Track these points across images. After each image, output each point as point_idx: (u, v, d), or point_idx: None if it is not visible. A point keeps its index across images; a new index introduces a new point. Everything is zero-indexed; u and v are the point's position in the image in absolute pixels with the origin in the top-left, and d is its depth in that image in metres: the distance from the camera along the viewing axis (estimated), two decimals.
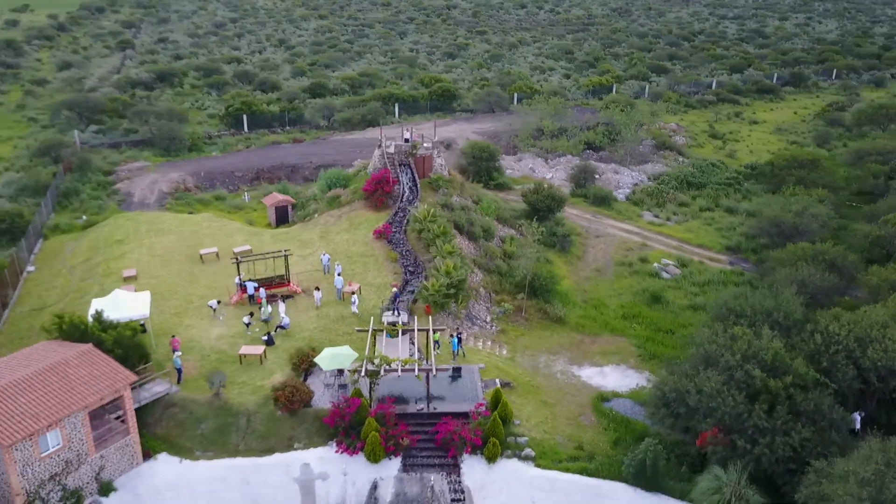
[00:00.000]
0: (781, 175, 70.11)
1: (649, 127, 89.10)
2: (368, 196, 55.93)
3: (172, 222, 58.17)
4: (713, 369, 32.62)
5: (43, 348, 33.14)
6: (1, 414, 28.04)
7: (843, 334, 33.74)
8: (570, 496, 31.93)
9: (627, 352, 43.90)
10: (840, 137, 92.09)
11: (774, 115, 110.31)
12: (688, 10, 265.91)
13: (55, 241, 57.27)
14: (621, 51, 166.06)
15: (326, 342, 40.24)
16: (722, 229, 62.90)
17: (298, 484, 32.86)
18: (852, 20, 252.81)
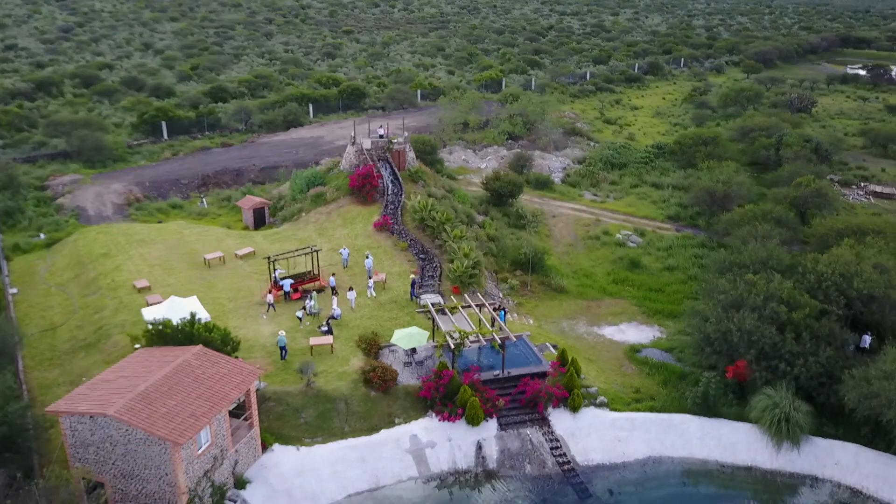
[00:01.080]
0: (690, 152, 79.73)
1: (553, 116, 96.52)
2: (356, 191, 57.86)
3: (149, 232, 56.78)
4: (744, 310, 38.93)
5: (146, 355, 33.11)
6: (160, 415, 28.40)
7: (830, 272, 41.35)
8: (648, 431, 36.99)
9: (631, 311, 49.78)
10: (712, 118, 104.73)
11: (646, 101, 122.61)
12: (529, 7, 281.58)
13: (22, 262, 54.06)
14: (487, 46, 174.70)
15: (377, 327, 42.53)
16: (656, 202, 70.91)
17: (411, 454, 35.39)
18: (672, 14, 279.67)
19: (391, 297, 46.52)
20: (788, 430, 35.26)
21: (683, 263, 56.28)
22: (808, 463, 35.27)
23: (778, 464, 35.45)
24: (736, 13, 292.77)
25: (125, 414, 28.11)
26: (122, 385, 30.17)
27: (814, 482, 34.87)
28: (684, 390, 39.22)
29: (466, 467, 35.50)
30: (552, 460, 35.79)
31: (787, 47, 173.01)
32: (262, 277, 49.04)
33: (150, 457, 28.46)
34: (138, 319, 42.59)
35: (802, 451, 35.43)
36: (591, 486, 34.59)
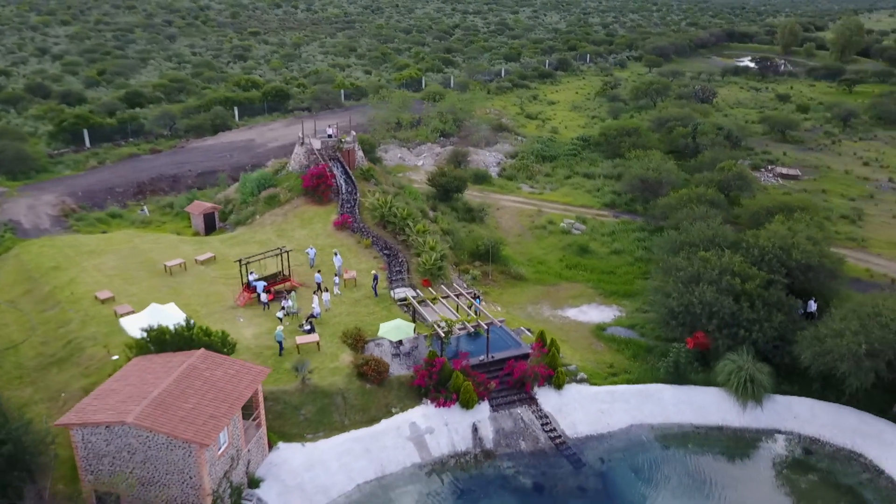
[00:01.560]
0: (615, 143, 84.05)
1: (480, 113, 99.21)
2: (310, 191, 58.12)
3: (97, 243, 55.03)
4: (703, 284, 42.30)
5: (146, 363, 32.78)
6: (179, 419, 28.42)
7: (771, 246, 45.43)
8: (627, 402, 39.72)
9: (588, 293, 52.64)
10: (625, 110, 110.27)
11: (560, 95, 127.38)
12: (431, 6, 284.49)
13: None
14: (398, 46, 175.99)
15: (357, 323, 43.34)
16: (590, 191, 74.49)
17: (412, 441, 36.61)
18: (569, 12, 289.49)
19: (365, 293, 47.33)
20: (752, 390, 38.79)
21: (628, 247, 59.74)
22: (770, 418, 38.91)
23: (745, 421, 38.92)
24: (627, 10, 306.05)
25: (145, 420, 28.02)
26: (132, 393, 29.92)
27: (777, 435, 38.54)
28: (654, 362, 42.22)
29: (465, 449, 37.05)
30: (544, 436, 37.88)
31: (681, 42, 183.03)
32: (230, 282, 48.72)
33: (173, 461, 28.48)
34: (111, 331, 41.75)
35: (765, 408, 39.04)
36: (583, 457, 36.89)
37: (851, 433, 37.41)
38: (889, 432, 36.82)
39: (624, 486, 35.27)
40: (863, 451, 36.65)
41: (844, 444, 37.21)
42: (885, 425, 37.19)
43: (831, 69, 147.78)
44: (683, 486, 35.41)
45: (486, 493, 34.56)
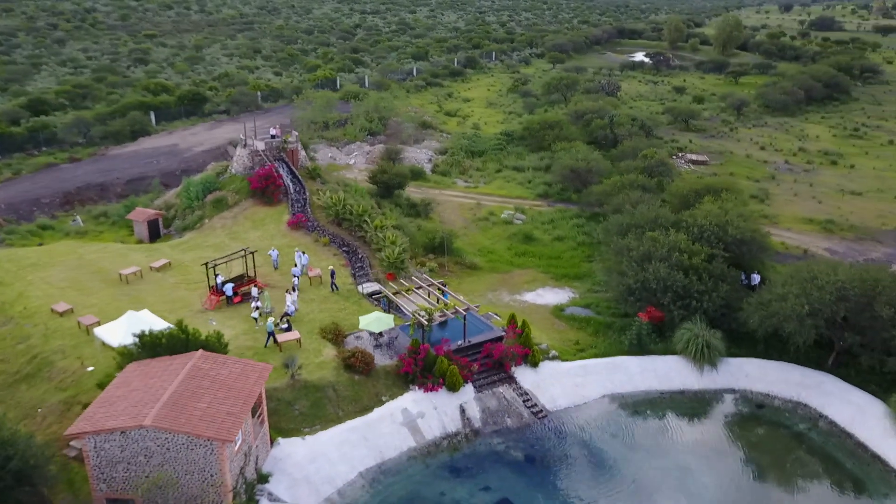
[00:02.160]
0: (539, 136, 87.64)
1: (404, 112, 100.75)
2: (259, 192, 57.97)
3: (38, 255, 52.94)
4: (655, 261, 45.71)
5: (143, 367, 32.50)
6: (197, 418, 28.60)
7: (708, 224, 49.53)
8: (598, 374, 42.51)
9: (541, 278, 55.29)
10: (539, 105, 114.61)
11: (473, 92, 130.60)
12: (328, 6, 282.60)
13: None
14: (304, 46, 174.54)
15: (331, 318, 44.16)
16: (522, 183, 77.56)
17: (406, 426, 37.89)
18: (465, 11, 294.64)
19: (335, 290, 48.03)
20: (708, 354, 42.45)
21: (568, 233, 62.95)
22: (725, 379, 42.70)
23: (703, 384, 42.53)
24: (520, 9, 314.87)
25: (163, 422, 28.09)
26: (140, 398, 29.78)
27: (732, 393, 42.35)
28: (616, 337, 45.29)
29: (455, 430, 38.67)
30: (527, 411, 40.06)
31: (577, 39, 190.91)
32: (191, 286, 48.24)
33: (194, 461, 28.66)
34: (77, 342, 40.83)
35: (720, 370, 42.80)
36: (564, 427, 39.34)
37: (796, 386, 41.68)
38: (828, 383, 41.29)
39: (605, 449, 37.89)
40: (807, 401, 40.94)
41: (791, 397, 41.42)
42: (824, 377, 41.65)
43: (717, 62, 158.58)
44: (656, 444, 38.43)
45: (481, 469, 36.31)
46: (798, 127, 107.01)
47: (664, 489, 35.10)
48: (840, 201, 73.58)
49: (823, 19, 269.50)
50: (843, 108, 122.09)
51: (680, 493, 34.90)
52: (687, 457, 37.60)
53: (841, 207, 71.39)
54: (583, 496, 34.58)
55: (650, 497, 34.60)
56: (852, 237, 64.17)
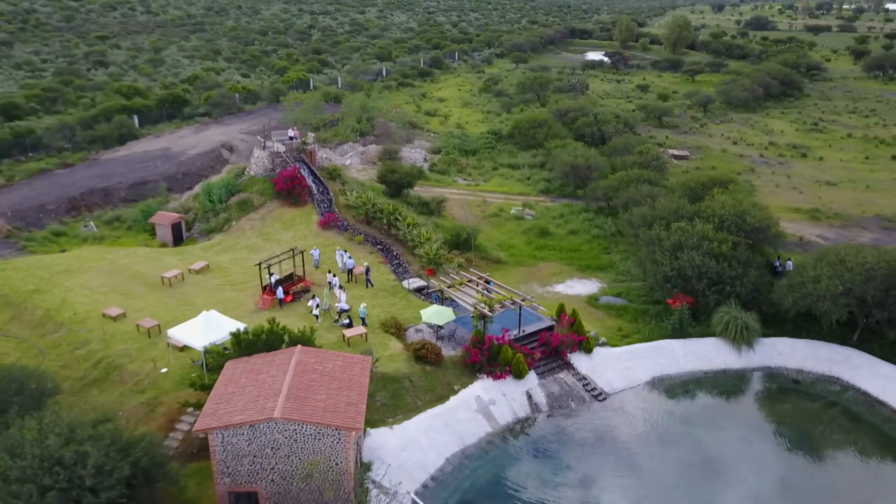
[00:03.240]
0: (529, 134, 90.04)
1: (390, 112, 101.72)
2: (285, 194, 58.38)
3: (68, 262, 52.20)
4: (687, 250, 48.47)
5: (243, 365, 33.07)
6: (322, 409, 29.52)
7: (728, 214, 52.66)
8: (646, 357, 44.93)
9: (566, 270, 57.50)
10: (515, 104, 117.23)
11: (445, 92, 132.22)
12: (276, 7, 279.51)
13: None
14: (263, 48, 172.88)
15: (384, 314, 45.37)
16: (521, 180, 79.76)
17: (480, 413, 39.46)
18: (414, 11, 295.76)
19: (378, 287, 49.13)
20: (746, 335, 45.37)
21: (581, 227, 65.37)
22: (761, 358, 45.72)
23: (742, 363, 45.45)
24: (468, 9, 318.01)
25: (293, 413, 28.95)
26: (257, 392, 30.48)
27: (769, 371, 45.40)
28: (654, 322, 47.84)
29: (525, 415, 40.46)
30: (587, 395, 42.15)
31: (534, 39, 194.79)
32: (237, 287, 48.55)
33: (320, 451, 29.56)
34: (142, 345, 41.04)
35: (756, 349, 45.79)
36: (625, 407, 41.61)
37: (826, 361, 45.02)
38: (855, 357, 44.76)
39: (665, 426, 40.30)
40: (838, 374, 44.30)
41: (823, 371, 44.72)
42: (851, 352, 45.11)
43: (672, 62, 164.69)
44: (711, 420, 41.10)
45: (558, 450, 38.16)
46: (762, 122, 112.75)
47: (729, 461, 37.66)
48: (818, 192, 78.33)
49: (758, 19, 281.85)
50: (798, 103, 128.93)
51: (743, 463, 37.48)
52: (742, 430, 40.31)
53: (821, 197, 76.04)
54: (656, 470, 36.84)
55: (718, 469, 37.11)
56: (839, 224, 68.65)
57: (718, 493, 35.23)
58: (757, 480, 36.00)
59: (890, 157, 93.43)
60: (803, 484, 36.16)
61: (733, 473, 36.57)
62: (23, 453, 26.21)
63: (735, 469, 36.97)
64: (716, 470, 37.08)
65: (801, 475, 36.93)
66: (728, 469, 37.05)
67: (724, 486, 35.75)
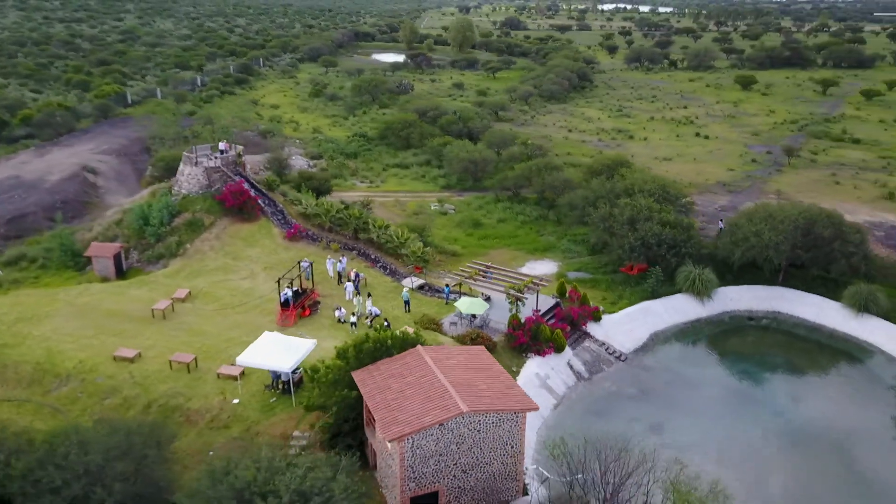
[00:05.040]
0: (403, 135, 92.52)
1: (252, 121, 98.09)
2: (236, 210, 55.43)
3: (14, 309, 45.31)
4: (642, 222, 55.16)
5: (375, 372, 32.74)
6: (495, 396, 30.66)
7: (653, 187, 60.51)
8: (638, 318, 50.67)
9: (519, 255, 61.29)
10: (358, 106, 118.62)
11: (272, 98, 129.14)
12: (13, 16, 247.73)
13: None
14: (35, 59, 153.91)
15: (406, 316, 46.28)
16: (416, 178, 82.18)
17: (543, 388, 42.34)
18: (179, 19, 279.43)
19: (382, 289, 49.37)
20: (706, 287, 53.09)
21: (505, 216, 69.73)
22: (720, 305, 53.76)
23: (707, 311, 53.11)
24: (232, 15, 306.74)
25: (478, 405, 29.88)
26: (424, 393, 30.64)
27: (728, 314, 53.56)
28: (628, 289, 53.83)
29: (573, 383, 44.10)
30: (612, 357, 46.89)
31: (327, 43, 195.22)
32: (238, 311, 46.15)
33: (500, 436, 30.75)
34: (190, 380, 38.16)
35: (715, 299, 53.75)
36: (644, 362, 47.08)
37: (768, 300, 54.31)
38: (787, 294, 54.48)
39: (683, 371, 46.37)
40: (778, 309, 53.75)
41: (767, 308, 53.94)
42: (784, 290, 54.78)
43: (470, 60, 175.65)
44: (704, 359, 48.05)
45: (615, 407, 42.33)
46: (578, 111, 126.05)
47: (742, 387, 44.72)
48: (662, 167, 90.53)
49: (511, 20, 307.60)
50: (594, 93, 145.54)
51: (750, 387, 44.75)
52: (734, 364, 47.68)
53: (668, 171, 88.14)
54: (699, 407, 42.61)
55: (741, 394, 43.92)
56: (696, 192, 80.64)
57: (748, 411, 41.85)
58: (767, 397, 43.47)
59: (694, 134, 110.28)
60: (796, 393, 44.21)
61: (748, 395, 43.66)
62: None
63: (747, 393, 44.10)
64: (736, 395, 43.87)
65: (777, 384, 45.15)
66: (743, 393, 44.03)
67: (747, 404, 42.62)
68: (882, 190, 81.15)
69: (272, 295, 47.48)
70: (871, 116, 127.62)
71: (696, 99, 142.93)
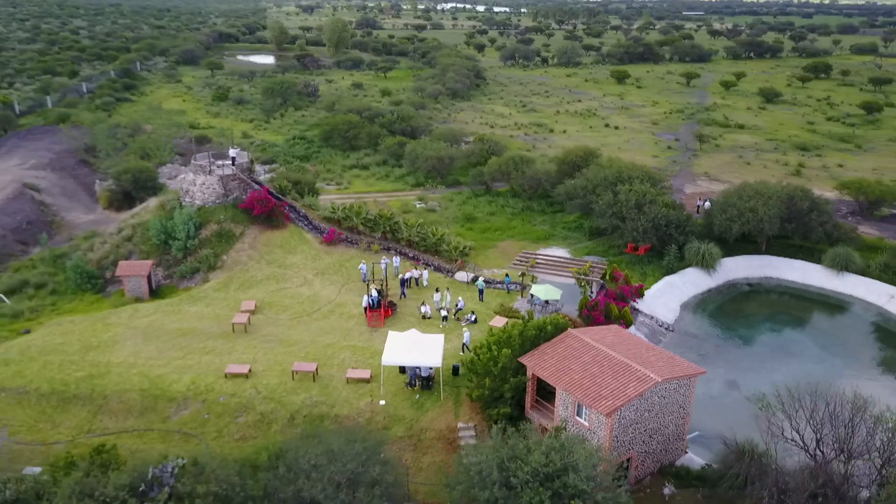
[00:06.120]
0: (351, 135, 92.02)
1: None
2: (264, 218, 53.65)
3: (68, 339, 41.69)
4: (645, 206, 59.91)
5: (546, 354, 34.34)
6: (670, 367, 33.32)
7: (641, 174, 65.65)
8: (666, 292, 55.15)
9: (528, 245, 63.65)
10: (276, 108, 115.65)
11: (172, 104, 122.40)
12: None
13: None
14: None
15: (481, 305, 47.83)
16: (384, 178, 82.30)
17: None
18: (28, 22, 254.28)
19: (434, 285, 50.22)
20: (711, 260, 58.79)
21: (492, 209, 72.13)
22: (723, 275, 59.62)
23: (715, 282, 58.79)
24: (67, 16, 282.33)
25: (666, 374, 32.45)
26: (608, 369, 32.72)
27: (730, 283, 59.58)
28: (650, 267, 58.36)
29: None
30: (661, 328, 50.99)
31: (196, 46, 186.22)
32: (314, 316, 45.23)
33: (676, 401, 33.51)
34: (322, 388, 37.59)
35: (720, 269, 59.58)
36: (687, 330, 51.70)
37: (759, 268, 61.04)
38: (775, 261, 61.40)
39: (719, 333, 51.52)
40: (769, 275, 60.64)
41: (761, 275, 60.64)
42: (771, 258, 61.64)
43: (355, 60, 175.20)
44: (730, 321, 53.55)
45: None
46: (485, 107, 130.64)
47: (779, 342, 50.59)
48: None
49: (368, 20, 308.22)
50: (491, 90, 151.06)
51: (774, 339, 50.82)
52: (764, 324, 53.63)
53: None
54: (754, 364, 47.78)
55: (781, 349, 49.63)
56: None
57: (795, 361, 47.59)
58: (801, 349, 49.62)
59: (604, 125, 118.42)
60: (802, 340, 50.87)
61: (785, 349, 49.54)
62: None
63: (783, 347, 50.00)
64: (777, 350, 49.57)
65: (796, 336, 51.79)
66: (782, 348, 49.85)
67: (790, 356, 48.38)
68: (787, 168, 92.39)
69: (340, 299, 47.00)
70: (737, 104, 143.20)
71: (583, 93, 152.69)
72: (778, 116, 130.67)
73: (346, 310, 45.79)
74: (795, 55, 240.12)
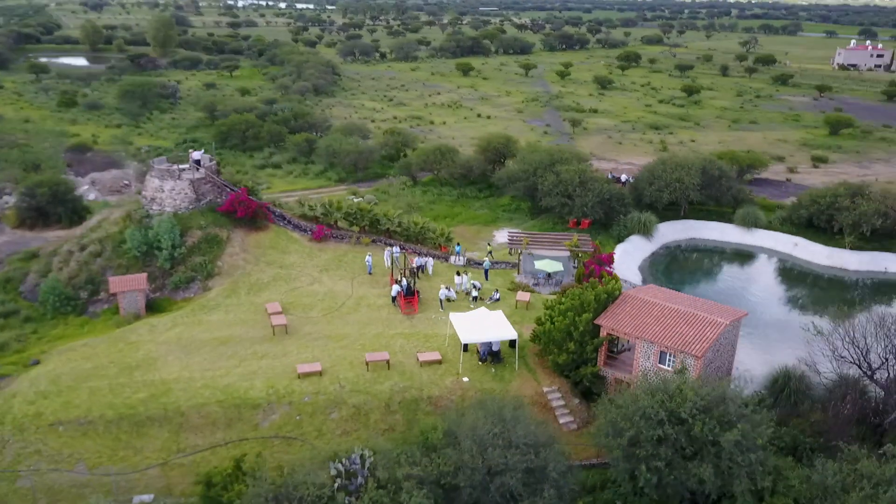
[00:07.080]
0: (250, 135, 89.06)
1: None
2: (248, 219, 51.71)
3: (110, 358, 38.31)
4: (589, 184, 65.36)
5: (616, 315, 37.76)
6: (717, 311, 38.13)
7: (569, 156, 71.14)
8: (624, 258, 60.91)
9: (483, 228, 66.45)
10: (140, 112, 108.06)
11: (19, 114, 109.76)
12: None
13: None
14: None
15: (487, 283, 50.36)
16: (302, 175, 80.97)
17: None
18: None
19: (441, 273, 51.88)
20: (649, 227, 65.56)
21: (430, 198, 74.05)
22: (659, 240, 66.66)
23: (653, 246, 65.69)
24: None
25: (728, 318, 37.21)
26: (678, 319, 36.87)
27: (665, 246, 66.80)
28: (600, 237, 63.79)
29: None
30: (630, 286, 56.45)
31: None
32: (342, 311, 45.06)
33: (730, 340, 38.47)
34: (404, 375, 38.22)
35: (655, 235, 66.53)
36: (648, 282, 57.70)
37: (683, 231, 68.93)
38: (694, 224, 69.66)
39: (679, 288, 58.07)
40: (693, 235, 68.74)
41: (685, 237, 68.55)
42: (692, 222, 69.83)
43: (193, 60, 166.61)
44: (682, 276, 60.58)
45: None
46: (356, 102, 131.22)
47: (728, 288, 58.15)
48: None
49: (178, 17, 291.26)
50: (348, 85, 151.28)
51: (723, 286, 58.55)
52: (707, 276, 61.32)
53: None
54: None
55: (731, 293, 57.15)
56: None
57: (732, 302, 55.24)
58: (729, 290, 57.68)
59: (476, 115, 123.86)
60: (735, 286, 59.35)
61: (736, 293, 57.23)
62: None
63: (733, 290, 57.67)
64: (728, 292, 56.94)
65: (730, 284, 60.22)
66: (732, 291, 57.46)
67: (745, 295, 56.11)
68: (653, 145, 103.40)
69: (358, 293, 47.11)
70: (578, 91, 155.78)
71: (437, 86, 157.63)
72: (618, 101, 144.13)
73: (371, 301, 45.97)
74: (600, 46, 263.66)
